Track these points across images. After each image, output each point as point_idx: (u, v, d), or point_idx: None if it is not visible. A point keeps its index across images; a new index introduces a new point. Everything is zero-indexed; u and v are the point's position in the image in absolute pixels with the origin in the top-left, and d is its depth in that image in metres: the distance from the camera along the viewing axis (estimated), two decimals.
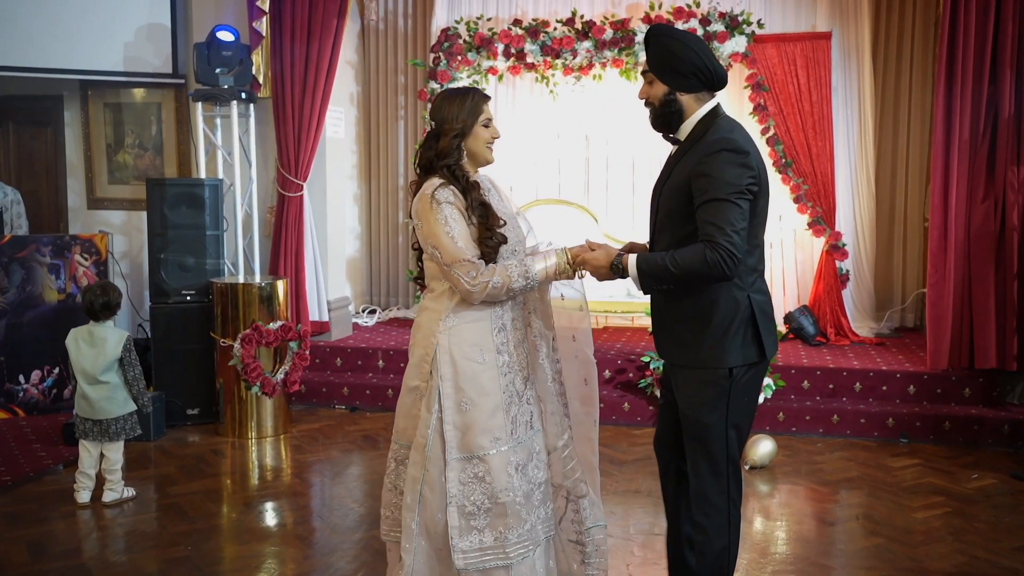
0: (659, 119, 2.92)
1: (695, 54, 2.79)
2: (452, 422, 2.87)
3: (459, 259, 2.80)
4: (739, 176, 2.67)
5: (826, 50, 6.77)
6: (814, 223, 6.83)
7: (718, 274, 2.64)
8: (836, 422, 5.73)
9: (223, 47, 6.44)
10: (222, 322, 5.73)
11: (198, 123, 6.63)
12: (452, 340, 2.88)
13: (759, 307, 2.86)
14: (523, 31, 7.07)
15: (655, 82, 2.88)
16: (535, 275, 2.86)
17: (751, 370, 2.88)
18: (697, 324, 2.85)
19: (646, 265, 2.74)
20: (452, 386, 2.87)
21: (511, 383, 2.93)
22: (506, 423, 2.89)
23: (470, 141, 2.93)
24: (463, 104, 2.92)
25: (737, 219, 2.64)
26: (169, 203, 6.01)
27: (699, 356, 2.85)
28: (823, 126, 6.77)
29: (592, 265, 2.85)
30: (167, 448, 5.53)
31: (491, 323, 2.93)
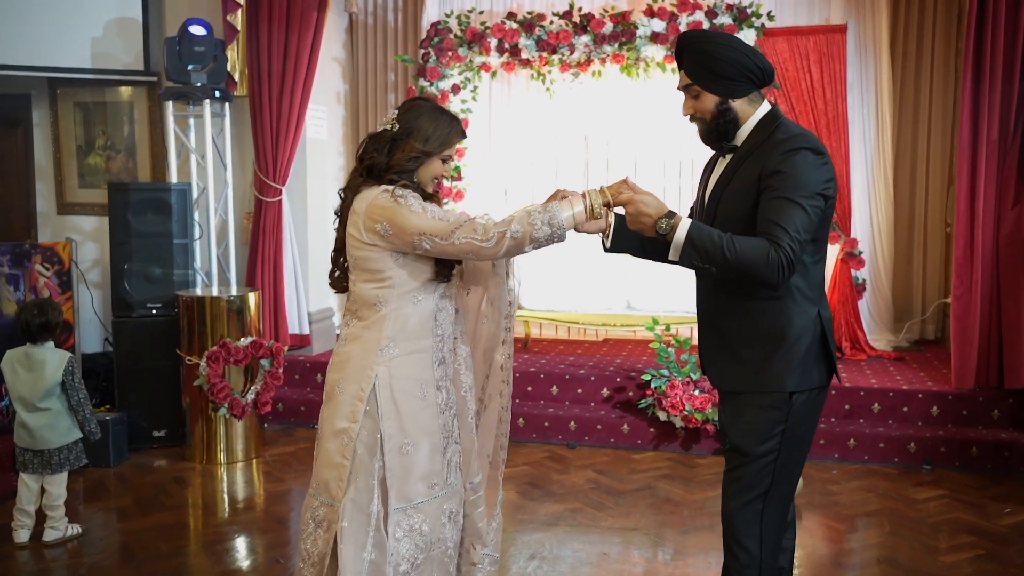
0: (713, 132, 2.64)
1: (741, 54, 2.54)
2: (392, 467, 2.55)
3: (456, 224, 2.47)
4: (817, 178, 2.43)
5: (841, 44, 6.33)
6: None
7: (771, 277, 2.38)
8: (853, 447, 5.28)
9: (195, 42, 6.02)
10: (188, 338, 5.31)
11: (169, 123, 6.21)
12: (393, 374, 2.56)
13: (827, 325, 2.60)
14: (517, 25, 6.63)
15: (702, 94, 2.60)
16: (562, 222, 2.49)
17: (811, 396, 2.58)
18: (770, 344, 2.55)
19: (698, 236, 2.42)
20: (396, 427, 2.55)
21: (447, 422, 2.67)
22: (443, 467, 2.64)
23: (422, 168, 2.62)
24: (441, 129, 2.62)
25: (804, 226, 2.39)
26: (133, 209, 5.58)
27: (763, 379, 2.55)
28: (838, 125, 6.33)
29: (638, 209, 2.48)
30: (127, 475, 5.11)
31: (432, 355, 2.62)
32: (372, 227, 2.51)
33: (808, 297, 2.53)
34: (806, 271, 2.53)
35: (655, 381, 5.53)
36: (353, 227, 2.56)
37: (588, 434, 5.66)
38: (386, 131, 2.62)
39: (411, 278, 2.57)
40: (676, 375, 5.51)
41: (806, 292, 2.53)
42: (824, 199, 2.44)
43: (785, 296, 2.54)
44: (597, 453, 5.52)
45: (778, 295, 2.53)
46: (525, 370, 6.08)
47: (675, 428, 5.49)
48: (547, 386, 5.98)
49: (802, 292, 2.53)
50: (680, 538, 4.20)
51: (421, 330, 2.60)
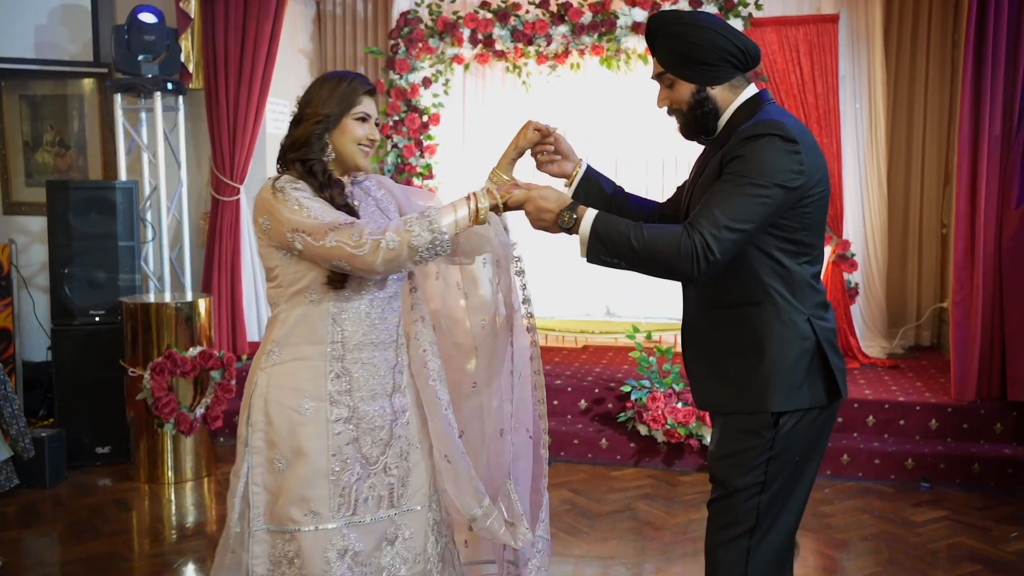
0: (692, 125, 2.32)
1: (718, 35, 2.23)
2: (262, 483, 2.32)
3: (332, 227, 2.20)
4: (778, 165, 2.10)
5: (832, 34, 5.98)
6: None
7: (685, 269, 2.08)
8: (846, 463, 4.93)
9: (145, 30, 5.63)
10: (132, 347, 4.91)
11: (118, 117, 5.82)
12: (271, 382, 2.33)
13: (824, 335, 2.24)
14: (492, 15, 6.27)
15: (677, 83, 2.29)
16: (442, 228, 2.20)
17: (805, 419, 2.21)
18: (751, 357, 2.23)
19: (604, 227, 2.14)
20: (263, 439, 2.32)
21: (351, 444, 2.34)
22: (331, 495, 2.31)
23: (336, 136, 2.32)
24: (335, 88, 2.32)
25: (744, 213, 2.08)
26: (75, 209, 5.18)
27: (744, 398, 2.24)
28: (829, 120, 5.99)
29: (537, 205, 2.21)
30: (63, 497, 4.71)
31: (326, 364, 2.32)
32: (257, 220, 2.29)
33: (792, 304, 2.20)
34: (787, 274, 2.20)
35: (635, 393, 5.17)
36: (256, 217, 2.33)
37: (564, 449, 5.30)
38: (293, 114, 2.37)
39: (299, 278, 2.30)
40: (658, 386, 5.15)
41: (788, 298, 2.20)
42: (784, 190, 2.10)
43: (763, 301, 2.21)
44: (573, 470, 5.15)
45: (754, 300, 2.21)
46: None
47: (657, 443, 5.13)
48: None
49: (783, 297, 2.20)
50: (662, 566, 3.85)
51: (311, 335, 2.32)
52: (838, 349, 2.29)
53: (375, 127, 2.39)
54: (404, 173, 6.41)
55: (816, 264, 2.27)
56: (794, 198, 2.14)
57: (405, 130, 6.45)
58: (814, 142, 2.21)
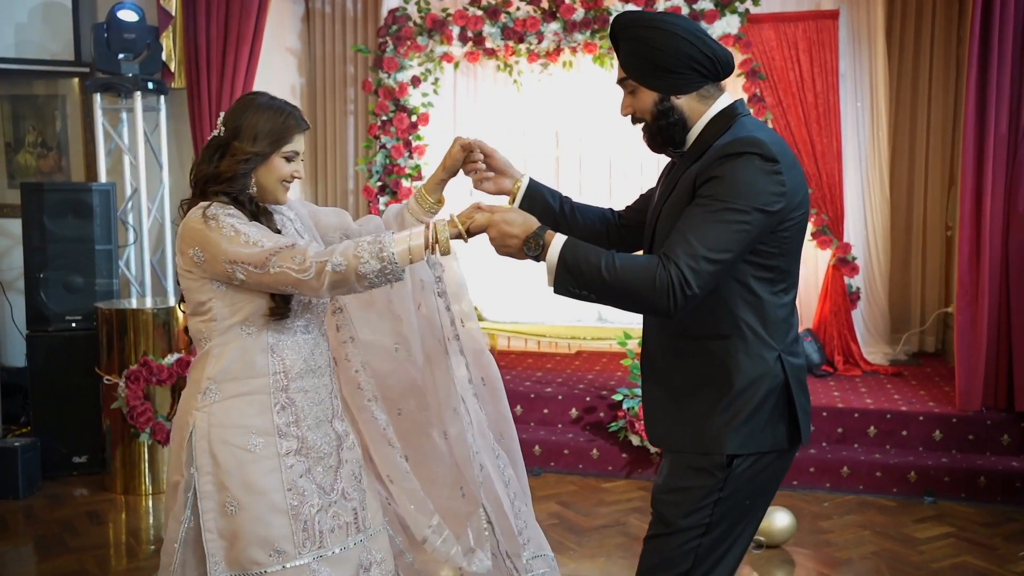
0: (657, 136, 2.13)
1: (684, 40, 2.04)
2: (215, 529, 2.19)
3: (273, 250, 2.09)
4: (757, 188, 1.92)
5: (833, 31, 5.79)
6: (819, 233, 5.87)
7: (660, 304, 1.90)
8: (846, 475, 4.75)
9: (125, 29, 5.49)
10: (108, 354, 4.76)
11: (97, 118, 5.67)
12: (212, 421, 2.19)
13: (794, 374, 2.05)
14: (481, 12, 6.10)
15: (639, 90, 2.11)
16: (394, 256, 2.07)
17: (760, 463, 2.03)
18: (713, 394, 2.04)
19: (573, 255, 1.95)
20: (212, 482, 2.19)
21: (304, 476, 2.24)
22: (294, 530, 2.20)
23: (261, 172, 2.20)
24: (271, 122, 2.18)
25: (723, 241, 1.90)
26: (50, 212, 5.02)
27: (700, 437, 2.06)
28: (829, 120, 5.80)
29: (501, 230, 2.02)
30: (35, 509, 4.56)
31: (270, 397, 2.22)
32: (186, 252, 2.14)
33: (763, 339, 2.02)
34: (761, 306, 2.03)
35: (627, 401, 4.99)
36: (176, 253, 2.19)
37: (554, 459, 5.13)
38: (215, 137, 2.21)
39: (237, 309, 2.17)
40: None
41: (760, 332, 2.02)
42: (764, 214, 1.92)
43: (732, 334, 2.03)
44: (563, 481, 4.98)
45: (722, 332, 2.03)
46: None
47: (649, 454, 4.96)
48: (510, 405, 5.42)
49: (754, 331, 2.02)
50: None
51: (250, 369, 2.20)
52: (807, 389, 2.12)
53: (301, 163, 2.28)
54: (392, 174, 6.24)
55: (791, 291, 2.10)
56: (774, 222, 1.96)
57: (393, 130, 6.28)
58: (794, 160, 2.03)
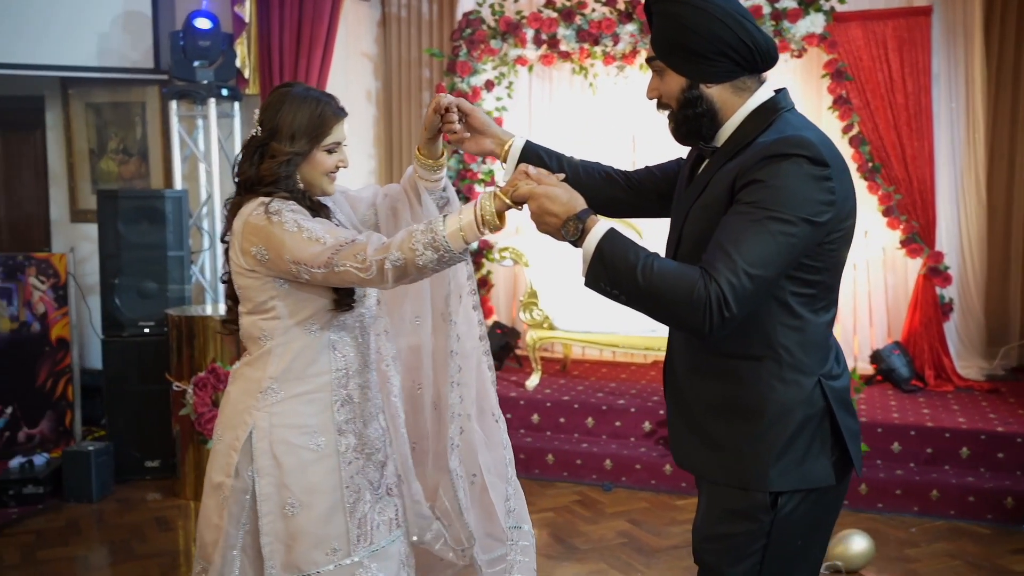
0: (682, 127, 1.93)
1: (718, 22, 1.81)
2: (273, 532, 2.14)
3: (335, 247, 2.00)
4: (805, 195, 1.72)
5: (925, 29, 5.51)
6: (909, 241, 5.57)
7: (695, 321, 1.70)
8: (936, 499, 4.48)
9: (200, 36, 5.53)
10: (178, 361, 4.79)
11: (173, 125, 5.74)
12: (274, 422, 2.15)
13: (837, 398, 1.84)
14: (556, 14, 5.98)
15: (666, 73, 1.91)
16: (447, 242, 1.97)
17: (809, 500, 1.84)
18: (744, 421, 1.85)
19: (611, 248, 1.77)
20: (274, 484, 2.14)
21: (359, 473, 2.21)
22: (349, 528, 2.18)
23: (305, 168, 2.13)
24: (306, 117, 2.10)
25: (766, 255, 1.69)
26: (125, 218, 5.09)
27: (738, 470, 1.86)
28: (920, 122, 5.51)
29: (541, 205, 1.85)
30: (107, 514, 4.61)
31: (331, 395, 2.18)
32: (248, 250, 2.08)
33: (800, 363, 1.83)
34: (801, 327, 1.83)
35: None
36: (232, 251, 2.12)
37: (626, 474, 4.97)
38: (253, 137, 2.15)
39: (301, 307, 2.12)
40: None
41: (798, 355, 1.83)
42: (811, 226, 1.72)
43: (765, 357, 1.83)
44: (634, 497, 4.82)
45: (755, 353, 1.83)
46: (558, 398, 5.41)
47: None
48: (581, 417, 5.31)
49: (791, 354, 1.82)
50: None
51: (315, 367, 2.16)
52: (853, 410, 1.91)
53: (344, 150, 2.21)
54: (465, 179, 6.17)
55: (832, 309, 1.90)
56: (821, 234, 1.76)
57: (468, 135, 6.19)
58: (844, 164, 1.82)
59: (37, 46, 5.90)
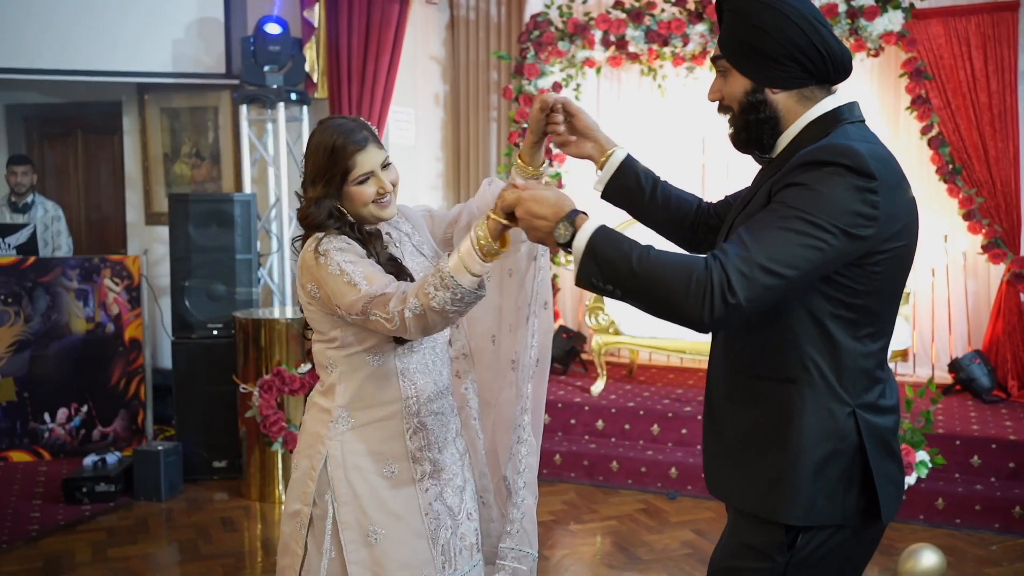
0: (742, 132, 1.82)
1: (791, 24, 1.69)
2: (359, 560, 2.11)
3: (368, 298, 1.97)
4: (842, 205, 1.57)
5: (1011, 25, 5.32)
6: (991, 245, 5.36)
7: (690, 309, 1.57)
8: (1019, 516, 4.29)
9: (270, 41, 5.60)
10: (244, 363, 4.85)
11: (243, 129, 5.82)
12: (347, 449, 2.13)
13: (875, 435, 1.70)
14: (624, 14, 5.90)
15: (731, 73, 1.80)
16: (454, 277, 1.88)
17: (839, 538, 1.71)
18: (763, 445, 1.72)
19: (603, 242, 1.66)
20: (353, 512, 2.11)
21: (438, 499, 2.18)
22: (434, 555, 2.16)
23: (346, 204, 2.10)
24: (324, 159, 2.06)
25: (788, 254, 1.57)
26: (195, 222, 5.18)
27: (750, 494, 1.75)
28: (1005, 122, 5.31)
29: (529, 210, 1.76)
30: (174, 513, 4.69)
31: (402, 423, 2.15)
32: (305, 286, 2.08)
33: (834, 389, 1.68)
34: (836, 351, 1.68)
35: None
36: (298, 283, 2.15)
37: (691, 483, 4.87)
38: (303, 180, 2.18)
39: (365, 336, 2.09)
40: None
41: (831, 381, 1.68)
42: (847, 238, 1.58)
43: (798, 379, 1.69)
44: (700, 507, 4.72)
45: (788, 375, 1.71)
46: (623, 405, 5.34)
47: None
48: (647, 424, 5.22)
49: (825, 378, 1.68)
50: None
51: (383, 395, 2.13)
52: (896, 454, 1.75)
53: (384, 172, 2.11)
54: None
55: (880, 339, 1.74)
56: (859, 250, 1.62)
57: None
58: (901, 181, 1.68)
59: (115, 53, 6.06)
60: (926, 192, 5.63)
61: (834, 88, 1.79)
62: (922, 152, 5.58)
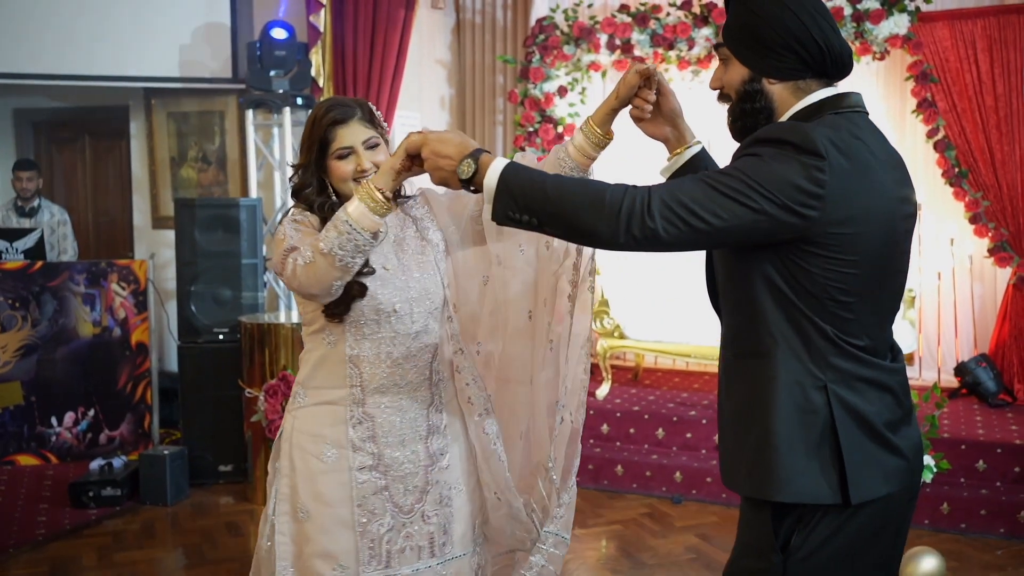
0: (738, 121, 1.81)
1: (791, 14, 1.70)
2: (286, 532, 2.18)
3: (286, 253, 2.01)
4: (786, 177, 1.59)
5: (1018, 28, 5.27)
6: (997, 249, 5.34)
7: (604, 226, 1.61)
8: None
9: (276, 46, 5.62)
10: (250, 367, 4.86)
11: (249, 133, 5.84)
12: (296, 426, 2.18)
13: (850, 412, 1.67)
14: (630, 18, 5.91)
15: (731, 62, 1.81)
16: (349, 220, 1.91)
17: (831, 551, 1.68)
18: (746, 423, 1.74)
19: (515, 175, 1.70)
20: (288, 485, 2.18)
21: (378, 493, 2.15)
22: (360, 546, 2.13)
23: (329, 178, 2.12)
24: (309, 127, 2.13)
25: (716, 204, 1.60)
26: (201, 226, 5.20)
27: (741, 474, 1.76)
28: (1011, 125, 5.27)
29: (434, 150, 1.80)
30: (180, 517, 4.70)
31: (346, 411, 2.14)
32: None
33: (806, 362, 1.67)
34: (803, 325, 1.67)
35: None
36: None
37: (696, 487, 4.87)
38: None
39: (314, 318, 2.14)
40: None
41: (802, 353, 1.68)
42: (786, 212, 1.58)
43: (768, 352, 1.70)
44: (705, 511, 4.72)
45: (762, 348, 1.70)
46: (628, 409, 5.34)
47: None
48: (652, 428, 5.22)
49: (794, 351, 1.68)
50: None
51: (330, 378, 2.16)
52: (883, 436, 1.70)
53: (364, 153, 2.12)
54: None
55: (860, 339, 1.70)
56: (804, 228, 1.61)
57: (539, 141, 6.18)
58: (869, 168, 1.66)
59: (122, 58, 6.10)
60: (932, 195, 5.62)
61: (835, 85, 1.79)
62: (928, 155, 5.57)
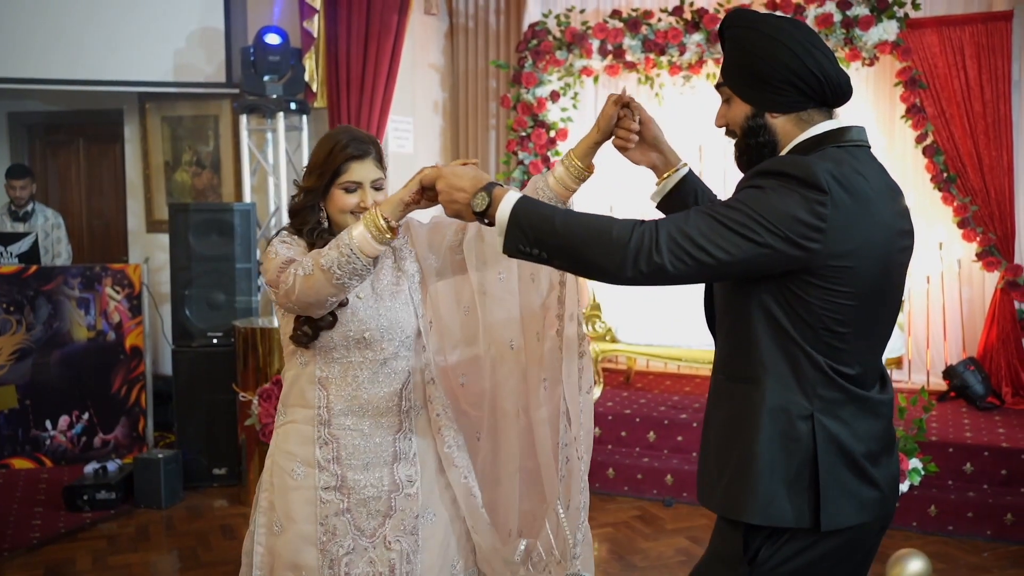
0: (743, 156, 1.85)
1: (785, 50, 1.73)
2: (263, 543, 2.25)
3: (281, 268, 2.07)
4: (788, 211, 1.61)
5: (1005, 34, 5.35)
6: (985, 253, 5.40)
7: (611, 260, 1.65)
8: (1010, 523, 4.32)
9: (270, 51, 5.64)
10: (243, 371, 4.89)
11: (243, 138, 5.87)
12: (276, 442, 2.27)
13: (834, 443, 1.70)
14: (622, 24, 5.95)
15: (733, 100, 1.85)
16: (351, 243, 1.98)
17: (803, 564, 1.72)
18: (727, 445, 1.78)
19: (526, 210, 1.73)
20: (267, 499, 2.26)
21: (339, 515, 2.19)
22: (320, 564, 2.18)
23: (328, 204, 2.20)
24: (323, 154, 2.15)
25: (721, 237, 1.63)
26: (195, 231, 5.23)
27: (720, 495, 1.79)
28: (999, 130, 5.34)
29: (449, 183, 1.86)
30: (175, 520, 4.73)
31: (313, 430, 2.20)
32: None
33: (795, 392, 1.70)
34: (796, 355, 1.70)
35: None
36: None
37: (687, 490, 4.91)
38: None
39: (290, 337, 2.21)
40: None
41: (792, 383, 1.71)
42: (788, 245, 1.62)
43: (758, 378, 1.73)
44: (695, 513, 4.75)
45: (751, 374, 1.73)
46: (619, 412, 5.38)
47: None
48: (643, 431, 5.26)
49: (783, 381, 1.71)
50: None
51: (301, 398, 2.23)
52: (864, 470, 1.72)
53: (370, 192, 2.17)
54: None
55: (852, 367, 1.73)
56: (806, 261, 1.64)
57: (531, 146, 6.22)
58: (871, 202, 1.68)
59: (116, 62, 6.12)
60: (921, 200, 5.67)
61: (835, 112, 1.82)
62: (917, 160, 5.63)
